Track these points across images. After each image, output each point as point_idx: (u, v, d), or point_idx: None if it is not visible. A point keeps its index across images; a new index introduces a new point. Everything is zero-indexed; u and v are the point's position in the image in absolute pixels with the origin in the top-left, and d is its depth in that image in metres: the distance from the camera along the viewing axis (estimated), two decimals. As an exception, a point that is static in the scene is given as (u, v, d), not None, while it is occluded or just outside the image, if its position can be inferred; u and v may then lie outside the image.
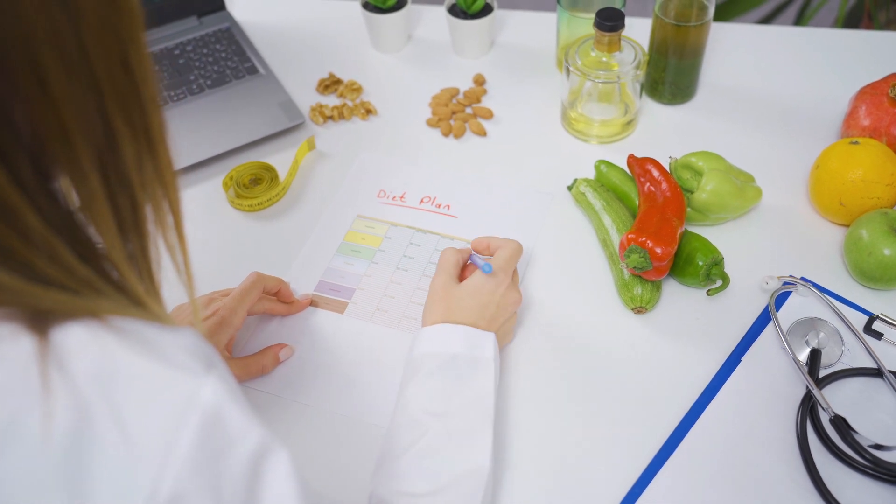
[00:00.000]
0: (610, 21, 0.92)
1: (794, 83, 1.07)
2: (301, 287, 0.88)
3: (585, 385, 0.78)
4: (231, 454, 0.43)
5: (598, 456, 0.73)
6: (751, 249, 0.88)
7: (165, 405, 0.41)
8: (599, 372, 0.79)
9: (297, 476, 0.47)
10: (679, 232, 0.81)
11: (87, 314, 0.41)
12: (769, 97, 1.05)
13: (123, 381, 0.40)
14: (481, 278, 0.77)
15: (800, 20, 1.77)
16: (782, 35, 1.15)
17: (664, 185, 0.85)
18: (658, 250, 0.78)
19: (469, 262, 0.81)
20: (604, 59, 0.96)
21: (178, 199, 0.46)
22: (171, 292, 0.85)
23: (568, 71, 0.97)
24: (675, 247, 0.80)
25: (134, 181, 0.43)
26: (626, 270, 0.83)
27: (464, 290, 0.77)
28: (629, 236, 0.80)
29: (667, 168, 0.88)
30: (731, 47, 1.12)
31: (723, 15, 1.68)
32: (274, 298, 0.85)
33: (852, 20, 1.81)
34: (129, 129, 0.42)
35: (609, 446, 0.74)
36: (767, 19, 1.82)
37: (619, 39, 0.95)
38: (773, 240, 0.89)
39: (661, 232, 0.80)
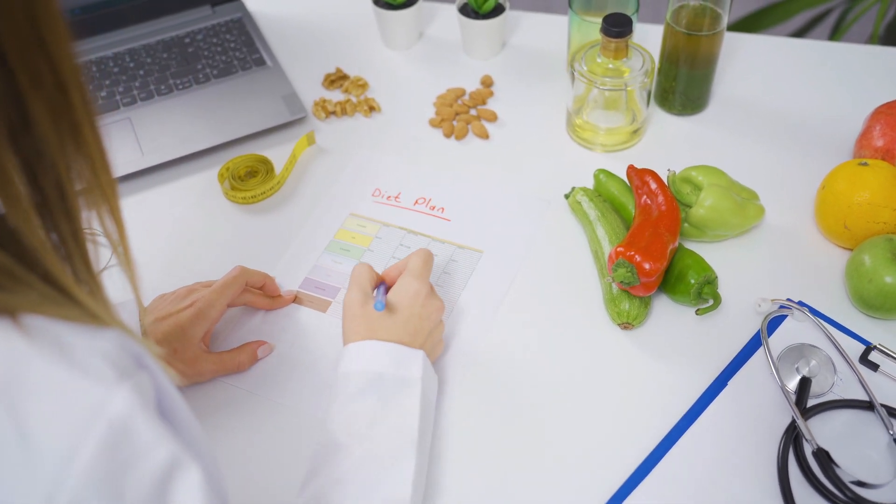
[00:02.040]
0: (617, 27, 0.90)
1: (810, 99, 1.03)
2: (286, 283, 0.87)
3: (564, 399, 0.76)
4: (137, 468, 0.42)
5: (570, 474, 0.71)
6: (749, 269, 0.85)
7: (70, 414, 0.40)
8: (580, 386, 0.77)
9: (209, 493, 0.45)
10: (670, 248, 0.79)
11: (1, 311, 0.40)
12: (783, 112, 1.01)
13: (27, 388, 0.39)
14: (399, 293, 0.74)
15: (835, 34, 1.72)
16: (801, 49, 1.11)
17: (660, 199, 0.83)
18: (646, 266, 0.76)
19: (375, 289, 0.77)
20: (611, 65, 0.94)
21: (111, 181, 0.45)
22: (166, 282, 0.85)
23: (573, 77, 0.95)
24: (665, 263, 0.77)
25: (58, 163, 0.41)
26: (614, 284, 0.80)
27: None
28: (618, 249, 0.78)
29: (665, 181, 0.86)
30: (747, 59, 1.09)
31: (752, 26, 1.64)
32: (258, 292, 0.84)
33: (891, 35, 1.75)
34: (45, 106, 0.40)
35: (583, 464, 0.72)
36: (801, 32, 1.77)
37: (627, 46, 0.92)
38: (774, 261, 0.86)
39: (651, 247, 0.77)
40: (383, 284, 0.77)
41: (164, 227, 0.94)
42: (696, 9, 0.94)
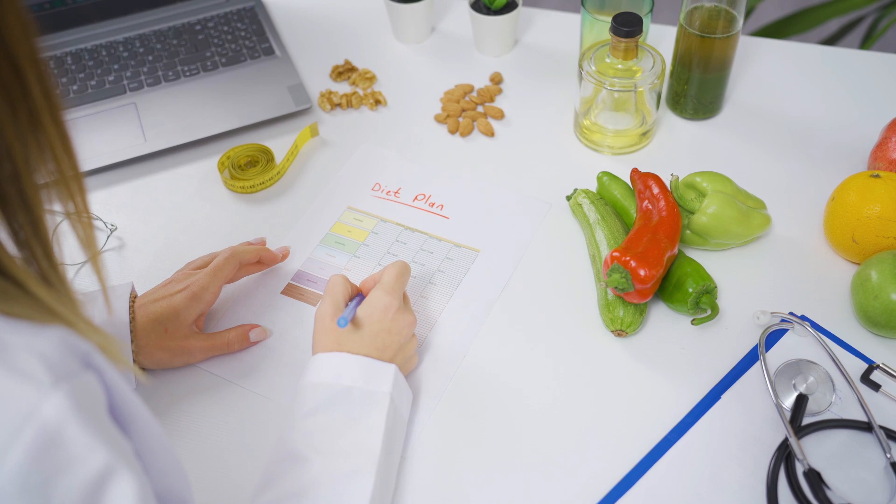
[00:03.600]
0: (626, 26, 0.88)
1: (827, 107, 1.00)
2: (280, 275, 0.86)
3: (551, 405, 0.74)
4: (67, 476, 0.41)
5: (552, 484, 0.69)
6: (752, 280, 0.83)
7: None
8: (568, 393, 0.75)
9: (143, 501, 0.44)
10: (668, 255, 0.76)
11: None
12: (799, 120, 0.98)
13: None
14: (369, 307, 0.72)
15: (866, 42, 1.67)
16: (820, 56, 1.07)
17: (661, 204, 0.80)
18: (641, 272, 0.74)
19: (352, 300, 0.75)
20: (620, 66, 0.91)
21: (77, 176, 0.44)
22: (160, 268, 0.84)
23: (581, 77, 0.93)
24: (661, 270, 0.75)
25: (15, 152, 0.41)
26: (609, 290, 0.78)
27: (355, 317, 0.72)
28: (613, 254, 0.76)
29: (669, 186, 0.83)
30: (765, 65, 1.06)
31: (780, 32, 1.60)
32: (254, 263, 0.84)
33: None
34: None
35: (566, 475, 0.70)
36: (832, 39, 1.72)
37: (637, 46, 0.90)
38: (778, 272, 0.83)
39: (647, 253, 0.75)
40: (359, 297, 0.75)
41: (162, 213, 0.93)
42: (710, 10, 0.92)
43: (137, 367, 0.72)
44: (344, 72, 1.08)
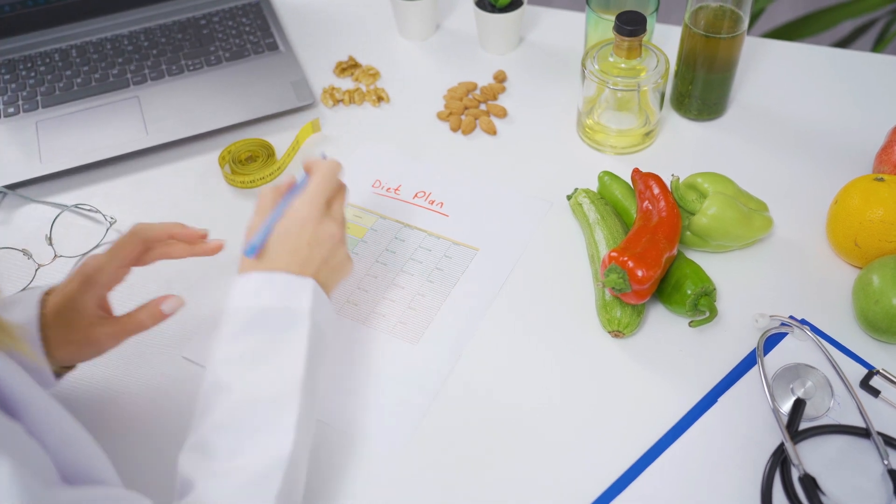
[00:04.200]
0: (630, 25, 0.87)
1: (833, 109, 0.99)
2: (277, 270, 0.86)
3: (547, 405, 0.74)
4: None
5: (544, 486, 0.69)
6: (752, 283, 0.82)
7: None
8: (563, 394, 0.75)
9: (23, 482, 0.42)
10: (666, 256, 0.76)
11: None
12: (804, 122, 0.97)
13: None
14: (286, 220, 0.67)
15: (878, 45, 1.66)
16: (829, 58, 1.06)
17: (661, 204, 0.80)
18: (639, 273, 0.73)
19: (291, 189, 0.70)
20: (623, 65, 0.91)
21: None
22: (159, 262, 0.84)
23: (584, 76, 0.92)
24: (659, 271, 0.74)
25: None
26: (606, 290, 0.78)
27: (272, 234, 0.67)
28: (611, 254, 0.75)
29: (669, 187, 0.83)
30: (772, 66, 1.05)
31: (793, 33, 1.59)
32: (173, 242, 0.73)
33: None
34: None
35: (558, 476, 0.69)
36: (845, 42, 1.71)
37: (640, 45, 0.89)
38: (779, 275, 0.83)
39: (646, 254, 0.74)
40: (293, 188, 0.71)
41: (162, 207, 0.93)
42: (715, 10, 0.91)
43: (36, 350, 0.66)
44: (347, 68, 1.08)
